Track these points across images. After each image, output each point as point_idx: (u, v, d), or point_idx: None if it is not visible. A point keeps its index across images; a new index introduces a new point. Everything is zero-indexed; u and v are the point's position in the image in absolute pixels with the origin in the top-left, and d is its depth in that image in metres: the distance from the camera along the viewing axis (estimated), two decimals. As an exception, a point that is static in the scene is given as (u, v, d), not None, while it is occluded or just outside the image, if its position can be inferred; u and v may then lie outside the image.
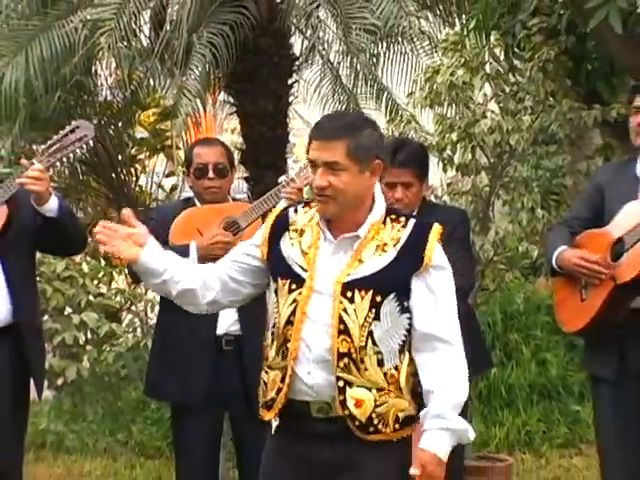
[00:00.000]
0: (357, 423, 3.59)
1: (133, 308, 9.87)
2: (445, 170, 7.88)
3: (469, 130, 7.33)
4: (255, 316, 4.97)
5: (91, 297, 9.30)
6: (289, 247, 3.73)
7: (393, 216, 3.73)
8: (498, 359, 8.56)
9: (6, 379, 5.11)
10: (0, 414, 5.13)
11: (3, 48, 7.69)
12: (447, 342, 3.71)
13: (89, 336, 9.21)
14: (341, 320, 3.60)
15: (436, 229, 3.73)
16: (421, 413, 3.65)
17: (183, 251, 5.30)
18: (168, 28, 7.19)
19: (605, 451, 5.35)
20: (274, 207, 5.30)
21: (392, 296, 3.63)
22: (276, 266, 3.73)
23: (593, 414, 5.56)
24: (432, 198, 6.73)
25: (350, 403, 3.59)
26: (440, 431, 3.61)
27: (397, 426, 3.64)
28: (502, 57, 7.01)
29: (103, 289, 9.62)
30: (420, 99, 8.41)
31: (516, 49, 6.64)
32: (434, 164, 7.47)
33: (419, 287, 3.66)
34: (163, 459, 7.99)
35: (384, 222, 3.71)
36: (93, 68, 8.09)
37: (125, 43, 7.30)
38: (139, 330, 9.74)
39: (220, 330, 5.20)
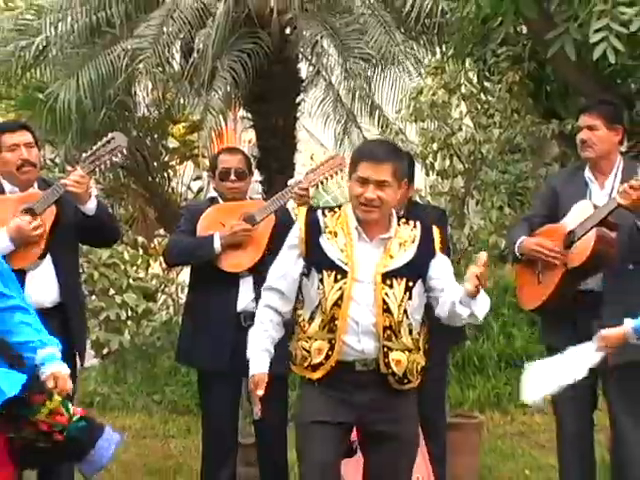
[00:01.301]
0: (397, 377, 3.91)
1: (166, 290, 9.91)
2: (427, 174, 7.90)
3: (447, 141, 7.37)
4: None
5: (131, 280, 9.33)
6: (328, 245, 3.92)
7: (403, 220, 4.02)
8: (472, 333, 8.54)
9: (55, 349, 5.17)
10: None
11: (58, 72, 7.70)
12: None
13: (129, 313, 9.25)
14: (384, 302, 3.85)
15: (436, 229, 4.07)
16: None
17: (209, 240, 5.35)
18: (195, 56, 7.19)
19: (560, 409, 5.39)
20: (284, 204, 5.36)
21: (420, 281, 3.93)
22: (320, 260, 3.92)
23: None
24: (417, 198, 6.75)
25: (392, 364, 3.87)
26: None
27: (419, 376, 3.99)
28: (475, 80, 7.02)
29: (141, 274, 9.65)
30: (406, 115, 8.42)
31: (487, 73, 6.63)
32: (418, 170, 7.48)
33: (433, 270, 3.95)
34: (191, 415, 8.01)
35: (399, 224, 3.97)
36: (133, 89, 8.08)
37: (159, 68, 7.30)
38: (171, 308, 9.77)
39: (239, 307, 5.22)
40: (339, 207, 4.03)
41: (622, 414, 5.04)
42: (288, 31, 7.61)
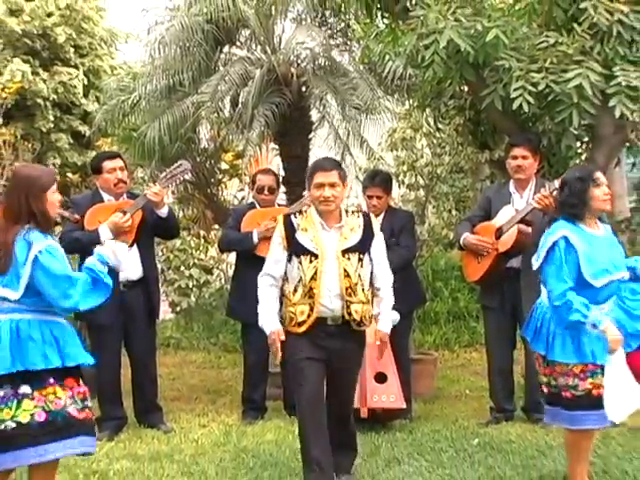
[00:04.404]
0: (356, 322, 3.90)
1: (220, 267, 9.88)
2: (399, 188, 7.86)
3: (413, 165, 7.32)
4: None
5: (195, 260, 9.33)
6: (302, 238, 3.89)
7: (349, 212, 4.03)
8: (430, 297, 8.53)
9: (141, 309, 5.22)
10: (150, 332, 5.27)
11: (146, 117, 7.72)
12: (389, 273, 4.04)
13: (194, 283, 9.24)
14: (345, 270, 3.84)
15: (373, 217, 4.07)
16: (375, 311, 4.00)
17: (249, 236, 5.37)
18: (240, 106, 7.20)
19: (490, 350, 5.39)
20: (300, 209, 5.34)
21: (367, 254, 3.92)
22: (298, 249, 3.89)
23: (484, 328, 5.59)
24: (392, 204, 6.72)
25: (353, 312, 3.86)
26: (387, 319, 4.02)
27: (371, 320, 3.98)
28: (432, 123, 6.98)
29: (202, 255, 9.64)
30: (385, 147, 8.39)
31: (440, 118, 6.60)
32: (394, 184, 7.45)
33: (374, 247, 3.96)
34: (237, 353, 7.99)
35: (347, 215, 3.97)
36: (197, 129, 8.09)
37: (215, 115, 7.31)
38: (223, 279, 9.75)
39: None
40: (305, 211, 4.00)
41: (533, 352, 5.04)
42: (304, 89, 7.60)
